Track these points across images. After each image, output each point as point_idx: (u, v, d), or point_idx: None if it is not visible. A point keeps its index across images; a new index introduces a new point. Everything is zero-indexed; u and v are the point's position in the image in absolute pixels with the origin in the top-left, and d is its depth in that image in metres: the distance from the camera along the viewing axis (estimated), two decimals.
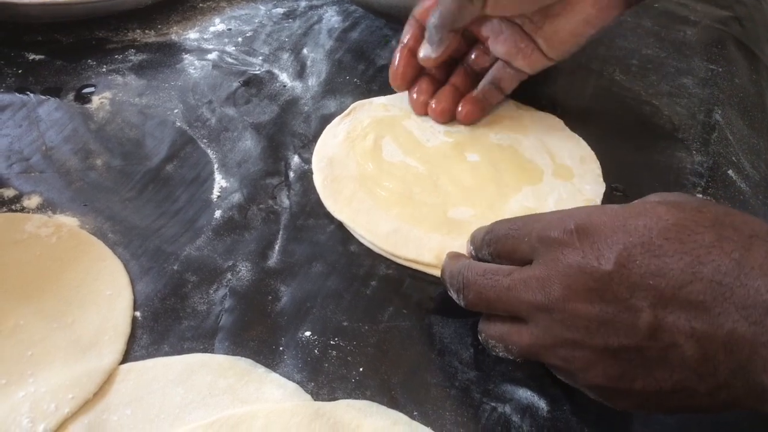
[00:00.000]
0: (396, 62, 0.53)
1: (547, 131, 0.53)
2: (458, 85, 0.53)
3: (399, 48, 0.53)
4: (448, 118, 0.52)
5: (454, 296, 0.38)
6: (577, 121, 0.54)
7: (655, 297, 0.30)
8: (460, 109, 0.52)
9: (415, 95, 0.53)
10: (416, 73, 0.53)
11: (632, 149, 0.53)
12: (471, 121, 0.52)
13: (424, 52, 0.50)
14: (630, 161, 0.52)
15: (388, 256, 0.44)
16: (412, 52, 0.52)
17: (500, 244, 0.37)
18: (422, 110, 0.53)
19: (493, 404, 0.36)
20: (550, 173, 0.49)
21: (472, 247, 0.39)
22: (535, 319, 0.34)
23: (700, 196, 0.49)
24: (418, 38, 0.51)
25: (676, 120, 0.56)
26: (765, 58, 0.67)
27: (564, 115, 0.54)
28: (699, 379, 0.30)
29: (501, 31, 0.50)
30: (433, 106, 0.52)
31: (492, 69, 0.52)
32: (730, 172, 0.52)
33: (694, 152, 0.53)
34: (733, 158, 0.53)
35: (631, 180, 0.50)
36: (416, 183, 0.48)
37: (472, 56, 0.53)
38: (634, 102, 0.50)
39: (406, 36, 0.52)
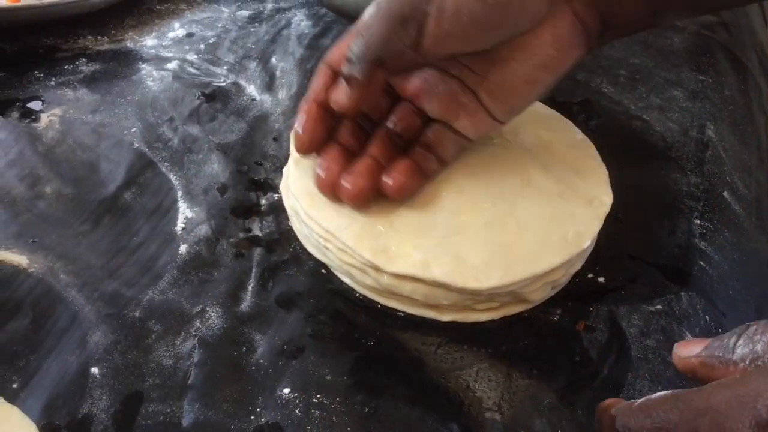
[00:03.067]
0: (301, 121, 0.39)
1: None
2: (378, 157, 0.39)
3: (305, 101, 0.39)
4: (366, 201, 0.38)
5: None
6: None
7: None
8: (390, 182, 0.38)
9: (319, 170, 0.39)
10: (326, 135, 0.40)
11: (624, 169, 0.50)
12: (404, 197, 0.39)
13: (339, 95, 0.37)
14: (624, 182, 0.48)
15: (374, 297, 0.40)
16: (324, 106, 0.38)
17: None
18: (329, 190, 0.38)
19: None
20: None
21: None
22: None
23: (698, 222, 0.46)
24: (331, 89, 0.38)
25: (668, 137, 0.53)
26: (751, 66, 0.65)
27: None
28: None
29: (435, 84, 0.38)
30: (348, 186, 0.38)
31: (425, 131, 0.40)
32: (725, 193, 0.50)
33: (689, 173, 0.50)
34: (727, 178, 0.51)
35: (625, 201, 0.45)
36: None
37: (396, 117, 0.40)
38: (624, 116, 0.47)
39: (316, 85, 0.39)
